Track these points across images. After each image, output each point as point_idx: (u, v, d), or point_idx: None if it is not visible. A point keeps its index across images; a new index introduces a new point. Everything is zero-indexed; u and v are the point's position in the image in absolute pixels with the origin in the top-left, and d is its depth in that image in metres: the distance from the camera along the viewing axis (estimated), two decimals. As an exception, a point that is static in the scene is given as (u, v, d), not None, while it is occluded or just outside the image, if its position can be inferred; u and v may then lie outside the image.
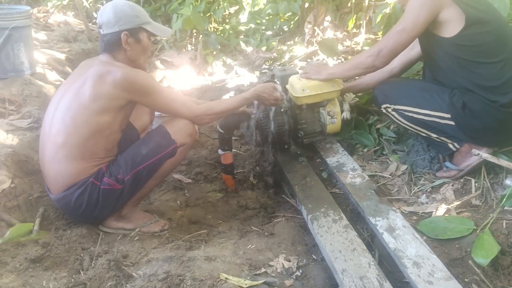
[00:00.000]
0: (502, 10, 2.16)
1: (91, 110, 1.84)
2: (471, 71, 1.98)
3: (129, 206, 2.06)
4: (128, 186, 1.94)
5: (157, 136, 2.02)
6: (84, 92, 1.84)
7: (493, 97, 1.95)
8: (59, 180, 1.89)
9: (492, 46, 1.94)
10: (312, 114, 2.50)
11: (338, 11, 4.42)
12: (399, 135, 2.60)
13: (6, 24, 3.09)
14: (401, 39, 2.02)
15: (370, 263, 1.63)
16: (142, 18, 1.97)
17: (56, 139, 1.87)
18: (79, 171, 1.87)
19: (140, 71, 1.95)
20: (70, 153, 1.85)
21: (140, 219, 2.11)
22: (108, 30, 1.90)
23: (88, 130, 1.85)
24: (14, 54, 3.19)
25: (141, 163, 1.95)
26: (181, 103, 2.04)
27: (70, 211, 1.97)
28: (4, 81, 3.16)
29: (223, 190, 2.56)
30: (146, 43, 2.01)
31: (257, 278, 1.65)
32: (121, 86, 1.85)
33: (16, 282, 1.58)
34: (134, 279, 1.62)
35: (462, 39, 1.94)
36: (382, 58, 2.08)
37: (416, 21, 1.96)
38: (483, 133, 2.03)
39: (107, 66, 1.89)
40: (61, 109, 1.90)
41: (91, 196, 1.89)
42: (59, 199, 1.93)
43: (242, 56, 4.49)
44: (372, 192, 2.08)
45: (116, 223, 2.06)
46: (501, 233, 1.74)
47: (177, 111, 2.04)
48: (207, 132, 3.20)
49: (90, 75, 1.86)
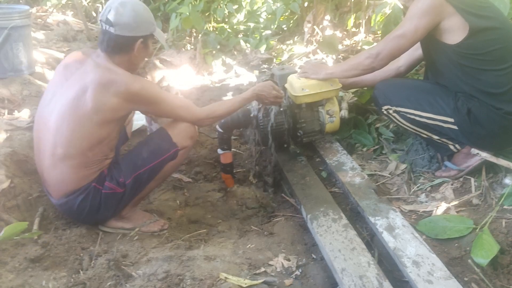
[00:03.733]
0: (502, 9, 2.15)
1: (93, 123, 1.79)
2: (475, 78, 1.96)
3: (129, 206, 2.06)
4: (129, 189, 1.94)
5: (158, 139, 2.01)
6: (86, 103, 1.76)
7: (498, 104, 1.94)
8: (60, 186, 1.88)
9: (498, 53, 1.91)
10: (311, 113, 2.50)
11: (338, 10, 4.42)
12: (398, 134, 2.60)
13: (5, 24, 3.09)
14: (400, 44, 2.02)
15: (369, 262, 1.63)
16: (155, 25, 1.95)
17: (54, 150, 1.82)
18: (81, 178, 1.86)
19: (143, 80, 1.92)
20: (70, 163, 1.83)
21: (140, 218, 2.11)
22: (124, 33, 1.81)
23: (89, 141, 1.82)
24: (13, 54, 3.19)
25: (142, 167, 1.94)
26: (185, 108, 2.02)
27: (72, 214, 1.97)
28: (3, 80, 3.16)
29: (222, 189, 2.55)
30: (150, 49, 2.00)
31: (257, 277, 1.65)
32: (126, 98, 1.80)
33: (16, 282, 1.58)
34: (134, 279, 1.62)
35: (466, 47, 1.92)
36: (380, 61, 2.08)
37: (417, 28, 1.95)
38: (486, 139, 2.02)
39: (108, 74, 1.80)
40: (56, 115, 1.82)
41: (93, 201, 1.89)
42: (61, 204, 1.92)
43: (241, 56, 4.49)
44: (372, 191, 2.08)
45: (116, 223, 2.06)
46: (500, 232, 1.74)
47: (180, 116, 2.02)
48: (206, 131, 3.20)
49: (90, 83, 1.77)
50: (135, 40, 1.85)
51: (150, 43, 1.97)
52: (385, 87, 2.25)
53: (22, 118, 2.73)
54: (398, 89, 2.21)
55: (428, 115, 2.07)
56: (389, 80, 2.35)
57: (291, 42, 4.47)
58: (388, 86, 2.24)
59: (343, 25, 4.23)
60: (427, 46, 2.12)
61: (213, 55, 4.47)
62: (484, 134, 2.00)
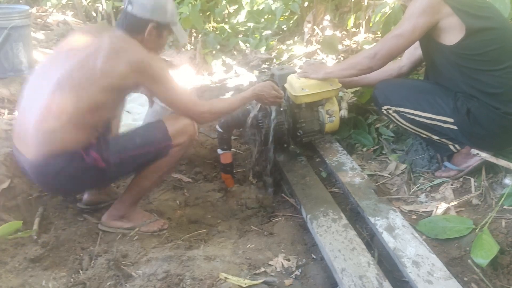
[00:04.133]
0: (503, 10, 2.15)
1: (98, 86, 1.76)
2: (473, 78, 1.96)
3: (127, 205, 2.05)
4: (112, 168, 1.86)
5: (155, 129, 1.97)
6: (96, 65, 1.74)
7: (497, 104, 1.94)
8: (45, 144, 1.76)
9: (495, 54, 1.91)
10: (311, 113, 2.50)
11: (338, 10, 4.42)
12: (398, 134, 2.60)
13: (5, 24, 3.09)
14: (398, 44, 2.03)
15: (369, 262, 1.63)
16: (174, 18, 1.95)
17: (50, 105, 1.75)
18: (70, 139, 1.77)
19: (157, 57, 1.90)
20: (66, 118, 1.75)
21: (139, 218, 2.10)
22: (138, 13, 1.84)
23: (88, 104, 1.77)
24: (13, 54, 3.19)
25: (130, 151, 1.89)
26: (188, 98, 1.99)
27: (46, 180, 1.84)
28: (3, 80, 3.16)
29: (222, 189, 2.55)
30: (164, 41, 1.98)
31: (257, 277, 1.65)
32: (135, 68, 1.78)
33: (16, 282, 1.58)
34: (134, 279, 1.62)
35: (463, 48, 1.92)
36: (378, 61, 2.09)
37: (415, 27, 1.96)
38: (486, 139, 2.02)
39: (123, 43, 1.81)
40: (62, 71, 1.78)
41: (75, 169, 1.79)
42: (38, 166, 1.79)
43: (241, 56, 4.49)
44: (372, 192, 2.08)
45: (115, 222, 2.05)
46: (500, 232, 1.74)
47: (182, 104, 1.97)
48: (206, 131, 3.20)
49: (104, 47, 1.76)
50: (147, 22, 1.87)
51: (165, 34, 1.96)
52: (385, 87, 2.24)
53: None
54: (397, 89, 2.20)
55: (427, 115, 2.07)
56: (389, 80, 2.35)
57: (291, 42, 4.47)
58: (388, 86, 2.24)
59: (343, 25, 4.23)
60: (426, 47, 2.13)
61: (213, 55, 4.47)
62: (484, 134, 2.00)
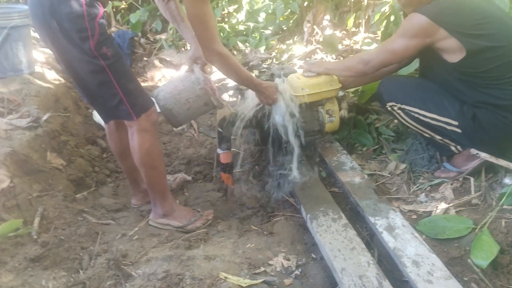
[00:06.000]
0: (503, 7, 2.12)
1: None
2: (478, 92, 1.95)
3: (158, 203, 2.14)
4: (108, 67, 1.85)
5: (145, 95, 2.01)
6: None
7: (505, 113, 1.93)
8: None
9: (500, 70, 1.89)
10: (311, 113, 2.49)
11: (337, 10, 4.41)
12: (398, 134, 2.60)
13: (4, 23, 3.08)
14: (390, 58, 2.08)
15: (369, 262, 1.63)
16: None
17: None
18: None
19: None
20: None
21: (184, 216, 2.18)
22: None
23: None
24: (13, 53, 3.19)
25: (118, 85, 1.90)
26: None
27: (41, 12, 1.78)
28: (3, 80, 3.16)
29: (222, 189, 2.55)
30: None
31: (257, 277, 1.65)
32: None
33: (15, 282, 1.58)
34: (134, 278, 1.62)
35: (466, 66, 1.91)
36: (370, 68, 2.13)
37: (407, 48, 1.99)
38: (489, 145, 2.02)
39: None
40: None
41: (74, 8, 1.73)
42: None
43: (241, 56, 4.48)
44: (371, 191, 2.08)
45: (162, 220, 2.14)
46: (500, 232, 1.73)
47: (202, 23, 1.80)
48: (206, 131, 3.20)
49: None
50: None
51: None
52: (391, 83, 2.24)
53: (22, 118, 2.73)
54: (404, 86, 2.20)
55: (432, 116, 2.07)
56: (395, 76, 2.35)
57: (291, 42, 4.47)
58: (394, 83, 2.24)
59: (343, 25, 4.23)
60: (427, 59, 2.12)
61: (213, 55, 4.46)
62: (488, 140, 2.00)
